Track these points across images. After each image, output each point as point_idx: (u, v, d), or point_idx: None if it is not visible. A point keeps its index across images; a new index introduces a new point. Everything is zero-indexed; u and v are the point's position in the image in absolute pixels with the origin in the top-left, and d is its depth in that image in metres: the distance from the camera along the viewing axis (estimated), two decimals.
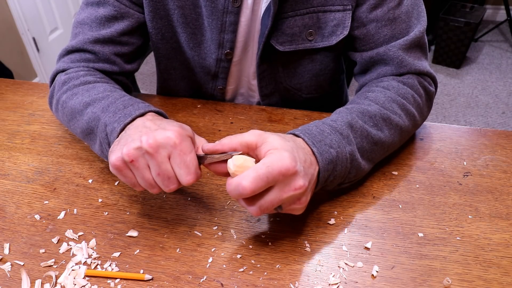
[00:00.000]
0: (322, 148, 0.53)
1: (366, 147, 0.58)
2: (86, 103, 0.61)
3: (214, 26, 0.71)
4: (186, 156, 0.48)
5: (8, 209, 0.60)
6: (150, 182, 0.49)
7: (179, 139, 0.48)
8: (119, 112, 0.56)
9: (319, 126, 0.56)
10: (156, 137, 0.47)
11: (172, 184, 0.49)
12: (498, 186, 0.62)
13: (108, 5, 0.70)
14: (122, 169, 0.49)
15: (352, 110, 0.60)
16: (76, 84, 0.66)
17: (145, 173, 0.49)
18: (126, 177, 0.50)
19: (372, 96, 0.64)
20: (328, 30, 0.71)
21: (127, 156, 0.48)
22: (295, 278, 0.50)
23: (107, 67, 0.72)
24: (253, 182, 0.45)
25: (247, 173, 0.45)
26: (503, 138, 0.71)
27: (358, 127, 0.58)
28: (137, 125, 0.53)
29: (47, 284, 0.50)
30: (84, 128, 0.61)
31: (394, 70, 0.69)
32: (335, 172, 0.54)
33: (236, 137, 0.50)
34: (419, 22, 0.69)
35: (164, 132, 0.48)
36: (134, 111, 0.55)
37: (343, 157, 0.54)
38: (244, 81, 0.83)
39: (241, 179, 0.45)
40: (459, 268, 0.51)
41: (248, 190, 0.45)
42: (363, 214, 0.58)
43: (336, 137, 0.55)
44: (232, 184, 0.46)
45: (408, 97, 0.66)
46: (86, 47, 0.70)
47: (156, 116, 0.56)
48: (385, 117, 0.61)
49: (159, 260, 0.53)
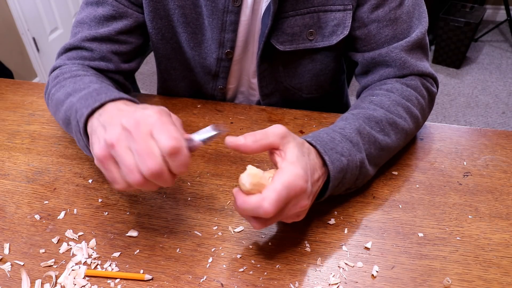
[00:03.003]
0: (333, 157, 0.52)
1: (373, 153, 0.58)
2: (67, 94, 0.60)
3: (214, 26, 0.71)
4: (169, 125, 0.44)
5: (8, 209, 0.60)
6: (128, 165, 0.44)
7: (160, 113, 0.45)
8: (90, 98, 0.54)
9: (330, 134, 0.55)
10: (136, 115, 0.44)
11: (152, 161, 0.42)
12: (498, 186, 0.62)
13: (107, 5, 0.70)
14: (106, 159, 0.45)
15: (358, 116, 0.60)
16: (66, 77, 0.65)
17: (125, 155, 0.44)
18: (108, 171, 0.46)
19: (377, 100, 0.64)
20: (328, 30, 0.71)
21: (109, 141, 0.44)
22: (295, 278, 0.50)
23: (103, 65, 0.72)
24: (276, 206, 0.44)
25: (268, 196, 0.44)
26: (503, 138, 0.71)
27: (366, 134, 0.58)
28: (110, 110, 0.50)
29: (47, 284, 0.50)
30: (64, 119, 0.59)
31: (397, 72, 0.69)
32: (345, 180, 0.54)
33: (261, 139, 0.47)
34: (420, 23, 0.69)
35: (144, 111, 0.45)
36: (105, 97, 0.52)
37: (354, 165, 0.54)
38: (244, 80, 0.83)
39: (263, 202, 0.43)
40: (459, 268, 0.51)
41: (271, 214, 0.43)
42: (363, 214, 0.58)
43: (347, 145, 0.54)
44: (250, 204, 0.44)
45: (412, 99, 0.66)
46: (83, 45, 0.71)
47: (130, 102, 0.53)
48: (391, 121, 0.61)
49: (159, 260, 0.53)
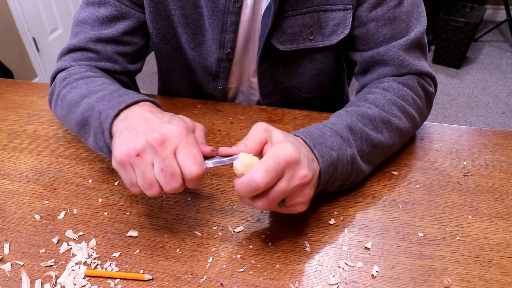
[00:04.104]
0: (323, 150, 0.53)
1: (366, 150, 0.58)
2: (83, 95, 0.60)
3: (215, 26, 0.71)
4: (193, 148, 0.47)
5: (8, 209, 0.60)
6: (149, 181, 0.47)
7: (186, 132, 0.47)
8: (113, 100, 0.55)
9: (320, 129, 0.56)
10: (163, 131, 0.47)
11: (175, 182, 0.47)
12: (498, 186, 0.62)
13: (109, 5, 0.70)
14: (126, 164, 0.48)
15: (352, 113, 0.60)
16: (76, 78, 0.65)
17: (146, 169, 0.47)
18: (128, 174, 0.48)
19: (372, 98, 0.64)
20: (328, 30, 0.71)
21: (134, 150, 0.46)
22: (295, 278, 0.50)
23: (109, 66, 0.72)
24: (265, 175, 0.45)
25: (256, 169, 0.45)
26: (503, 138, 0.71)
27: (358, 130, 0.58)
28: (136, 114, 0.51)
29: (47, 284, 0.50)
30: (79, 120, 0.59)
31: (395, 71, 0.69)
32: (336, 174, 0.54)
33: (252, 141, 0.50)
34: (419, 22, 0.69)
35: (170, 126, 0.47)
36: (129, 99, 0.54)
37: (344, 159, 0.54)
38: (245, 80, 0.83)
39: (252, 174, 0.45)
40: (459, 268, 0.51)
41: (262, 184, 0.45)
42: (363, 214, 0.58)
43: (336, 140, 0.55)
44: (243, 182, 0.46)
45: (408, 99, 0.66)
46: (88, 46, 0.70)
47: (154, 106, 0.55)
48: (385, 120, 0.61)
49: (159, 260, 0.53)
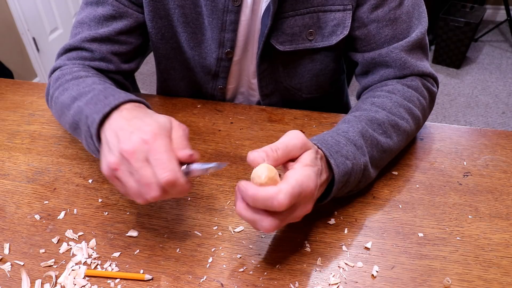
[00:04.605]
0: (339, 160, 0.52)
1: (376, 156, 0.58)
2: (73, 97, 0.60)
3: (214, 25, 0.71)
4: (160, 154, 0.45)
5: (8, 209, 0.60)
6: (134, 192, 0.46)
7: (152, 138, 0.45)
8: (99, 103, 0.54)
9: (334, 137, 0.55)
10: (132, 140, 0.45)
11: (153, 190, 0.45)
12: (498, 186, 0.62)
13: (107, 5, 0.70)
14: (111, 178, 0.48)
15: (361, 118, 0.60)
16: (68, 79, 0.65)
17: (128, 181, 0.46)
18: (118, 186, 0.48)
19: (379, 102, 0.64)
20: (328, 30, 0.71)
21: (112, 164, 0.46)
22: (295, 278, 0.50)
23: (103, 65, 0.72)
24: (290, 201, 0.43)
25: (283, 188, 0.43)
26: (503, 138, 0.71)
27: (369, 137, 0.58)
28: (111, 125, 0.50)
29: (47, 284, 0.50)
30: (71, 123, 0.59)
31: (397, 72, 0.69)
32: (348, 183, 0.54)
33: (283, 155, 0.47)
34: (420, 23, 0.69)
35: (138, 134, 0.46)
36: (114, 101, 0.53)
37: (358, 168, 0.54)
38: (244, 80, 0.83)
39: (278, 193, 0.42)
40: (459, 268, 0.51)
41: (284, 206, 0.42)
42: (363, 214, 0.58)
43: (351, 149, 0.54)
44: (265, 193, 0.43)
45: (414, 100, 0.66)
46: (83, 45, 0.71)
47: (135, 108, 0.53)
48: (393, 123, 0.61)
49: (159, 260, 0.53)
